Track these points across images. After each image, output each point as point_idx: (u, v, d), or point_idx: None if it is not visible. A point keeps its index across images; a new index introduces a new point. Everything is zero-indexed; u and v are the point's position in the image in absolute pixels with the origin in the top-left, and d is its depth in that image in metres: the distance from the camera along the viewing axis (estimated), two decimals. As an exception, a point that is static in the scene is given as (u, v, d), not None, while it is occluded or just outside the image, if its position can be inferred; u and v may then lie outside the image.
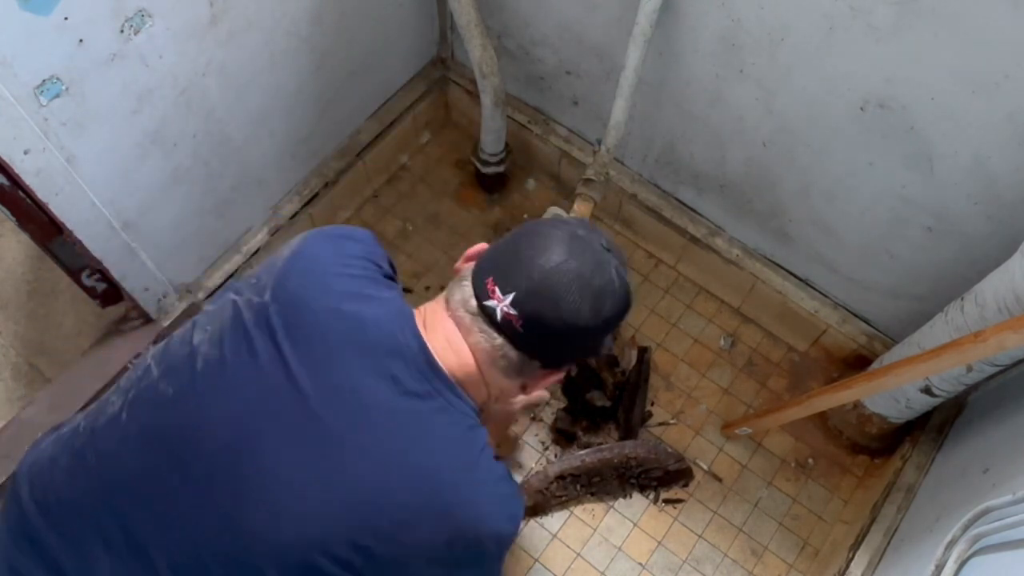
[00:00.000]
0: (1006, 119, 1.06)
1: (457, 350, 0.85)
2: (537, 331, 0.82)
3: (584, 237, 0.85)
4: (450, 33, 1.76)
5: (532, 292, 0.81)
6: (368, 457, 0.79)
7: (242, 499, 0.78)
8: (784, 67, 1.24)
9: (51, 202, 1.12)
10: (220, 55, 1.23)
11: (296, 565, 0.78)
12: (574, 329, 0.83)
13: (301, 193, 1.64)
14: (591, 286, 0.82)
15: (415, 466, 0.80)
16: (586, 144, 1.75)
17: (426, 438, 0.81)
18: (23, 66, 0.96)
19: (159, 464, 0.81)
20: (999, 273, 1.12)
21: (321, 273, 0.86)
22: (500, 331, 0.83)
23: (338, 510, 0.78)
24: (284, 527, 0.78)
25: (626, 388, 1.65)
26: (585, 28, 1.48)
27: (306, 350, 0.80)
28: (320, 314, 0.82)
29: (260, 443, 0.79)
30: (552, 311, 0.81)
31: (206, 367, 0.81)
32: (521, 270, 0.82)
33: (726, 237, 1.66)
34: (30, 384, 1.54)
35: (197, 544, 0.79)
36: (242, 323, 0.82)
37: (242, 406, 0.80)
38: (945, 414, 1.52)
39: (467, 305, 0.85)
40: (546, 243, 0.83)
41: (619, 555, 1.53)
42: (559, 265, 0.81)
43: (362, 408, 0.80)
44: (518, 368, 0.85)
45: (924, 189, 1.24)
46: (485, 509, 0.83)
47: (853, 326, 1.60)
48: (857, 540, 1.43)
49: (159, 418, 0.82)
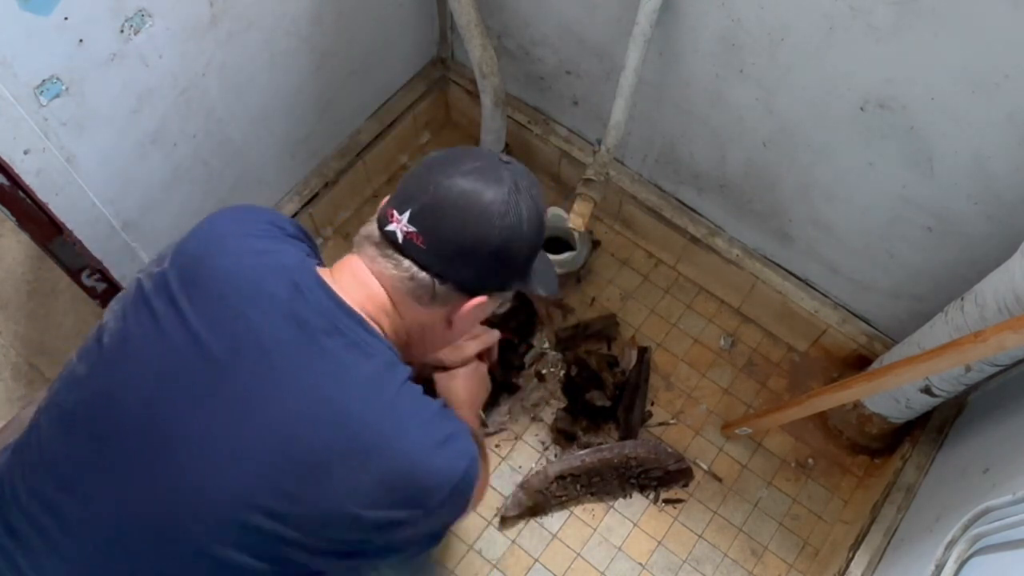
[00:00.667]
0: (1006, 119, 1.06)
1: (364, 281, 0.83)
2: (440, 248, 0.80)
3: (484, 155, 0.84)
4: (450, 33, 1.76)
5: (429, 206, 0.80)
6: (277, 402, 0.77)
7: (158, 466, 0.77)
8: (784, 67, 1.24)
9: (51, 202, 1.12)
10: (220, 55, 1.23)
11: (225, 524, 0.76)
12: (478, 241, 0.81)
13: (301, 193, 1.64)
14: (491, 196, 0.81)
15: (326, 404, 0.77)
16: (586, 144, 1.75)
17: (337, 375, 0.78)
18: (23, 66, 0.96)
19: (78, 443, 0.80)
20: (999, 273, 1.12)
21: (219, 235, 0.85)
22: (404, 253, 0.81)
23: (256, 459, 0.76)
24: (205, 486, 0.76)
25: (626, 388, 1.65)
26: (585, 28, 1.48)
27: (205, 306, 0.79)
28: (217, 270, 0.81)
29: (169, 406, 0.78)
30: (451, 222, 0.80)
31: (111, 341, 0.81)
32: (419, 188, 0.81)
33: (726, 237, 1.66)
34: (30, 384, 1.54)
35: (123, 519, 0.78)
36: (142, 293, 0.82)
37: (148, 371, 0.79)
38: (945, 414, 1.52)
39: (371, 237, 0.84)
40: (443, 163, 0.83)
41: (619, 555, 1.53)
42: (455, 178, 0.81)
43: (267, 354, 0.77)
44: (431, 292, 0.82)
45: (924, 189, 1.24)
46: (414, 444, 0.79)
47: (853, 326, 1.60)
48: (857, 540, 1.43)
49: (74, 398, 0.82)
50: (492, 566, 1.50)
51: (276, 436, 0.76)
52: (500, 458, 1.60)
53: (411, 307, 0.84)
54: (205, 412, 0.77)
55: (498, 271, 0.86)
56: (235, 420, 0.77)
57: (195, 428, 0.77)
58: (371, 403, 0.79)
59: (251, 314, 0.79)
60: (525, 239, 0.85)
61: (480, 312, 0.89)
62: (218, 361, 0.78)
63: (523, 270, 0.89)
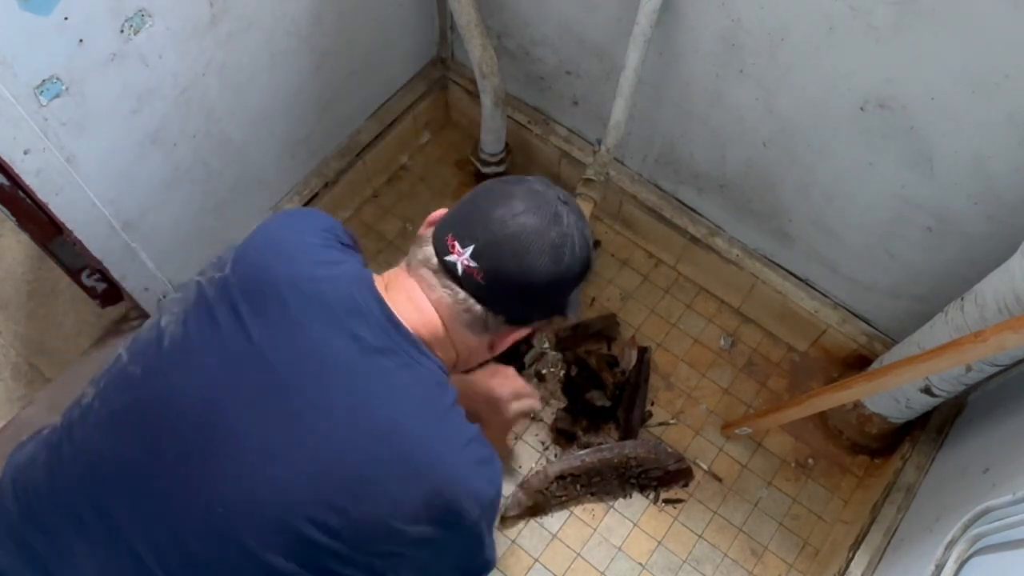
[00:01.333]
0: (1006, 119, 1.06)
1: (420, 307, 0.85)
2: (499, 283, 0.83)
3: (541, 192, 0.86)
4: (450, 33, 1.76)
5: (491, 243, 0.82)
6: (334, 416, 0.78)
7: (213, 471, 0.78)
8: (784, 67, 1.24)
9: (51, 202, 1.12)
10: (220, 55, 1.23)
11: (275, 532, 0.77)
12: (534, 279, 0.83)
13: (301, 193, 1.64)
14: (549, 236, 0.83)
15: (380, 421, 0.79)
16: (586, 144, 1.75)
17: (391, 393, 0.80)
18: (23, 66, 0.96)
19: (130, 444, 0.80)
20: (999, 273, 1.12)
21: (279, 242, 0.87)
22: (462, 285, 0.84)
23: (309, 471, 0.77)
24: (257, 494, 0.77)
25: (626, 388, 1.65)
26: (585, 28, 1.48)
27: (266, 316, 0.80)
28: (280, 279, 0.82)
29: (227, 413, 0.78)
30: (512, 261, 0.82)
31: (171, 344, 0.82)
32: (480, 224, 0.83)
33: (726, 237, 1.66)
34: (30, 384, 1.54)
35: (173, 521, 0.78)
36: (204, 298, 0.83)
37: (207, 378, 0.80)
38: (945, 414, 1.52)
39: (428, 263, 0.85)
40: (503, 197, 0.85)
41: (619, 555, 1.53)
42: (517, 216, 0.83)
43: (325, 368, 0.79)
44: (483, 323, 0.85)
45: (924, 189, 1.24)
46: (456, 465, 0.81)
47: (853, 326, 1.60)
48: (857, 540, 1.43)
49: (128, 399, 0.82)
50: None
51: (328, 449, 0.78)
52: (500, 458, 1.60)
53: (462, 334, 0.87)
54: (261, 421, 0.78)
55: (548, 305, 0.89)
56: (290, 431, 0.78)
57: (250, 436, 0.78)
58: (421, 422, 0.81)
59: (311, 326, 0.80)
60: (577, 277, 0.88)
61: (520, 337, 0.92)
62: (277, 371, 0.79)
63: (566, 302, 0.92)
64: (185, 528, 0.78)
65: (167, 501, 0.79)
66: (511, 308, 0.86)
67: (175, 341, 0.82)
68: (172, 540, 0.78)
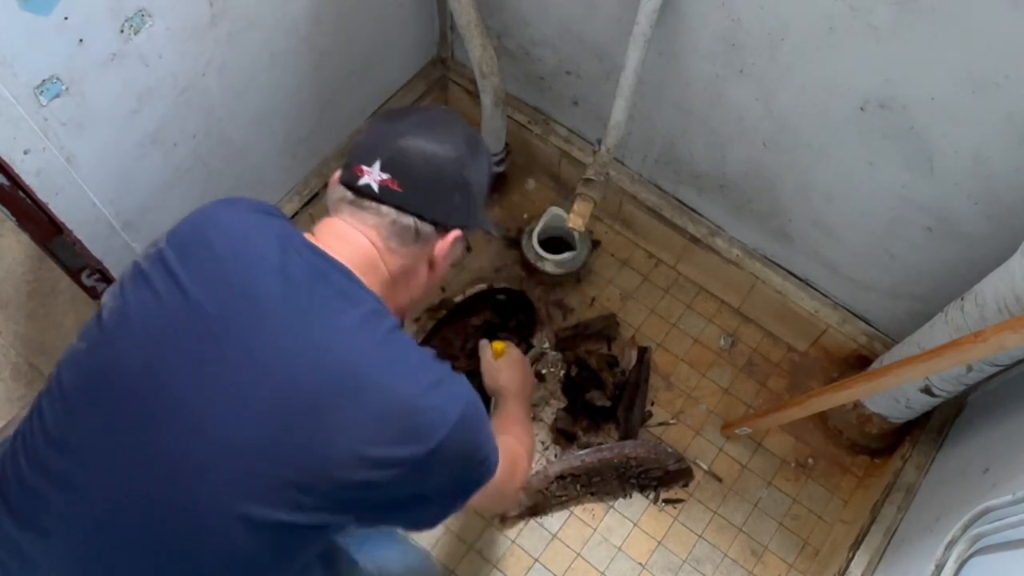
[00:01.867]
0: (1006, 119, 1.06)
1: (348, 239, 0.88)
2: (413, 181, 0.88)
3: (426, 107, 0.97)
4: (450, 33, 1.76)
5: (395, 151, 0.88)
6: (270, 353, 0.79)
7: (165, 424, 0.78)
8: (784, 67, 1.24)
9: (51, 202, 1.12)
10: (220, 55, 1.23)
11: (242, 480, 0.77)
12: (442, 162, 0.89)
13: (301, 193, 1.64)
14: (443, 126, 0.93)
15: (315, 350, 0.79)
16: (586, 144, 1.75)
17: (323, 322, 0.81)
18: (23, 66, 0.96)
19: (81, 414, 0.81)
20: (999, 273, 1.12)
21: (212, 213, 0.90)
22: (383, 201, 0.88)
23: (256, 410, 0.78)
24: (220, 444, 0.77)
25: (626, 388, 1.65)
26: (585, 28, 1.48)
27: (200, 271, 0.82)
28: (211, 238, 0.85)
29: (170, 366, 0.79)
30: (418, 157, 0.88)
31: (110, 315, 0.84)
32: (379, 142, 0.89)
33: (726, 237, 1.66)
34: (30, 384, 1.54)
35: (132, 483, 0.78)
36: (139, 270, 0.85)
37: (148, 337, 0.81)
38: (945, 414, 1.52)
39: (345, 198, 0.89)
40: (393, 118, 0.93)
41: (619, 555, 1.53)
42: (410, 125, 0.90)
43: (257, 309, 0.80)
44: (415, 233, 0.89)
45: (924, 189, 1.24)
46: (404, 382, 0.81)
47: (853, 326, 1.60)
48: (857, 540, 1.43)
49: (78, 376, 0.83)
50: (492, 566, 1.50)
51: (272, 386, 0.78)
52: (500, 458, 1.60)
53: (396, 252, 0.90)
54: (205, 370, 0.79)
55: (464, 204, 0.93)
56: (238, 378, 0.79)
57: (197, 386, 0.79)
58: (358, 346, 0.81)
59: (243, 273, 0.82)
60: (481, 171, 0.96)
61: (455, 250, 0.96)
62: (213, 319, 0.80)
63: (479, 208, 0.98)
64: (150, 491, 0.78)
65: (126, 463, 0.79)
66: (433, 210, 0.90)
67: (114, 312, 0.84)
68: (134, 505, 0.78)
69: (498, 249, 1.82)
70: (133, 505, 0.79)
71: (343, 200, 0.90)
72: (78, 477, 0.80)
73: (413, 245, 0.90)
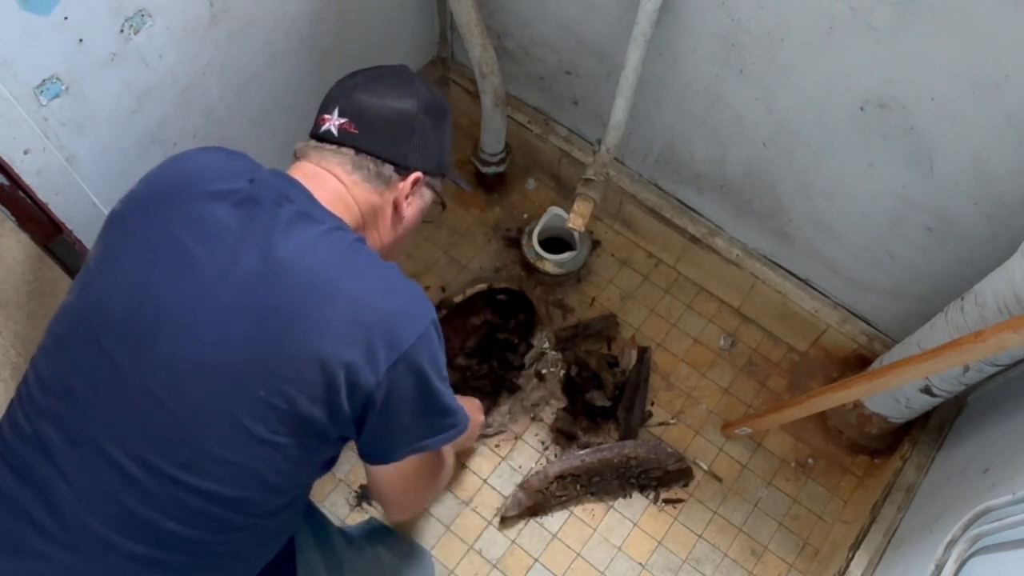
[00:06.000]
0: (1006, 119, 1.06)
1: (315, 176, 0.92)
2: (370, 127, 0.94)
3: (382, 64, 1.02)
4: (450, 33, 1.76)
5: (350, 99, 0.95)
6: (237, 271, 0.82)
7: (156, 348, 0.81)
8: (784, 67, 1.24)
9: (51, 202, 1.12)
10: (220, 55, 1.23)
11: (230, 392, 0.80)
12: (395, 104, 0.95)
13: (301, 193, 1.64)
14: (396, 73, 1.00)
15: (278, 262, 0.82)
16: (586, 144, 1.75)
17: (284, 236, 0.84)
18: (23, 66, 0.96)
19: (74, 352, 0.83)
20: (999, 273, 1.12)
21: (180, 156, 0.95)
22: (343, 144, 0.94)
23: (231, 323, 0.80)
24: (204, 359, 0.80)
25: (626, 388, 1.65)
26: (585, 28, 1.48)
27: (171, 203, 0.87)
28: (183, 171, 0.90)
29: (156, 294, 0.82)
30: (371, 100, 0.95)
31: (92, 263, 0.88)
32: (337, 94, 0.97)
33: (726, 237, 1.66)
34: (30, 384, 1.53)
35: (129, 407, 0.81)
36: (115, 214, 0.90)
37: (129, 269, 0.85)
38: (945, 414, 1.52)
39: (309, 144, 0.96)
40: (353, 74, 1.00)
41: (619, 555, 1.53)
42: (366, 77, 0.98)
43: (227, 232, 0.84)
44: (375, 174, 0.94)
45: (924, 189, 1.24)
46: (370, 285, 0.85)
47: (853, 326, 1.60)
48: (857, 540, 1.43)
49: (67, 320, 0.87)
50: (492, 566, 1.50)
51: (243, 301, 0.81)
52: (500, 458, 1.60)
53: (360, 187, 0.94)
54: (185, 294, 0.82)
55: (421, 147, 0.98)
56: (207, 296, 0.81)
57: (177, 309, 0.81)
58: (323, 256, 0.84)
59: (214, 201, 0.86)
60: (438, 117, 1.00)
61: (423, 197, 1.02)
62: (186, 247, 0.83)
63: (440, 156, 1.02)
64: (139, 410, 0.80)
65: (123, 392, 0.81)
66: (388, 145, 0.95)
67: (95, 259, 0.88)
68: (131, 426, 0.81)
69: (498, 249, 1.82)
70: (125, 428, 0.81)
71: (308, 146, 0.96)
72: (80, 419, 0.82)
73: (376, 182, 0.95)
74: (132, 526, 0.81)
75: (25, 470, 0.82)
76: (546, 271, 1.72)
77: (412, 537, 1.51)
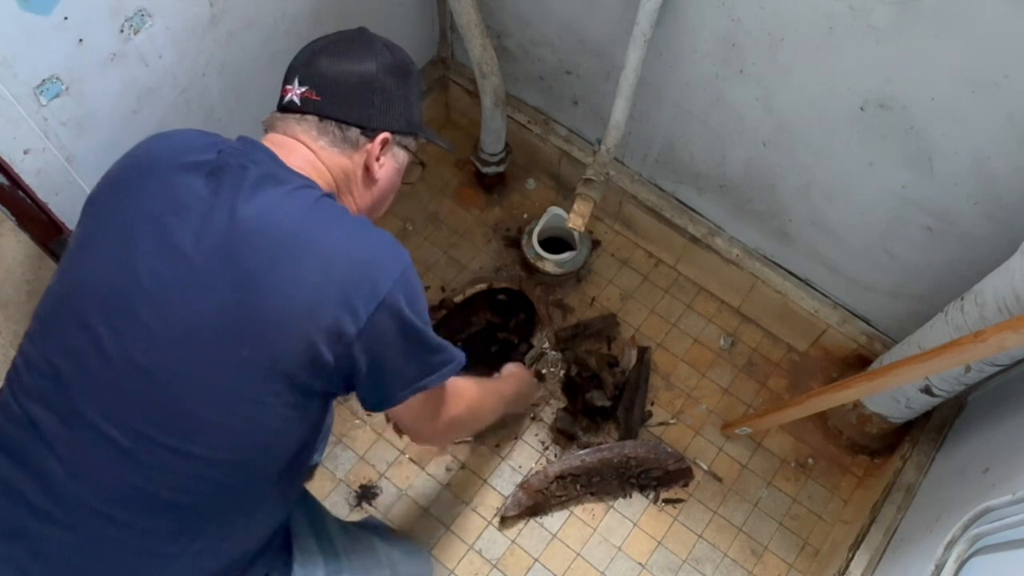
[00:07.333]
0: (1006, 119, 1.06)
1: (284, 145, 0.93)
2: (332, 93, 0.94)
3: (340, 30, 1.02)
4: (450, 33, 1.76)
5: (310, 67, 0.95)
6: (205, 236, 0.83)
7: (140, 320, 0.81)
8: (784, 67, 1.24)
9: (51, 202, 1.12)
10: (220, 55, 1.23)
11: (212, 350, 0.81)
12: (354, 67, 0.95)
13: (301, 193, 1.64)
14: (352, 36, 0.99)
15: (243, 223, 0.83)
16: (586, 144, 1.75)
17: (248, 198, 0.84)
18: (23, 66, 0.96)
19: (59, 334, 0.84)
20: (999, 273, 1.12)
21: (151, 137, 0.96)
22: (307, 111, 0.94)
23: (207, 288, 0.81)
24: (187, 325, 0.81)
25: (626, 388, 1.65)
26: (585, 28, 1.48)
27: (142, 179, 0.88)
28: (151, 155, 0.91)
29: (135, 268, 0.83)
30: (330, 66, 0.95)
31: (73, 244, 0.89)
32: (298, 64, 0.97)
33: (726, 237, 1.66)
34: (30, 384, 1.53)
35: (115, 379, 0.81)
36: (90, 198, 0.91)
37: (107, 247, 0.85)
38: (945, 414, 1.52)
39: (275, 115, 0.97)
40: (311, 43, 1.00)
41: (619, 555, 1.53)
42: (325, 44, 0.98)
43: (196, 203, 0.84)
44: (341, 138, 0.95)
45: (924, 189, 1.24)
46: (341, 235, 0.86)
47: (853, 326, 1.60)
48: (857, 540, 1.43)
49: (50, 301, 0.88)
50: (492, 566, 1.50)
51: (216, 265, 0.82)
52: (500, 458, 1.60)
53: (326, 152, 0.95)
54: (163, 265, 0.82)
55: (385, 107, 0.98)
56: (182, 264, 0.82)
57: (154, 280, 0.82)
58: (288, 212, 0.85)
59: (187, 174, 0.87)
60: (401, 76, 0.99)
61: (396, 159, 1.02)
62: (161, 219, 0.84)
63: (409, 114, 1.01)
64: (125, 382, 0.81)
65: (109, 366, 0.81)
66: (350, 108, 0.95)
67: (75, 240, 0.89)
68: (119, 399, 0.81)
69: (498, 249, 1.82)
70: (113, 401, 0.81)
71: (274, 117, 0.96)
72: (70, 394, 0.82)
73: (344, 146, 0.95)
74: (128, 497, 0.82)
75: (18, 451, 0.83)
76: (546, 271, 1.72)
77: (410, 538, 1.51)
